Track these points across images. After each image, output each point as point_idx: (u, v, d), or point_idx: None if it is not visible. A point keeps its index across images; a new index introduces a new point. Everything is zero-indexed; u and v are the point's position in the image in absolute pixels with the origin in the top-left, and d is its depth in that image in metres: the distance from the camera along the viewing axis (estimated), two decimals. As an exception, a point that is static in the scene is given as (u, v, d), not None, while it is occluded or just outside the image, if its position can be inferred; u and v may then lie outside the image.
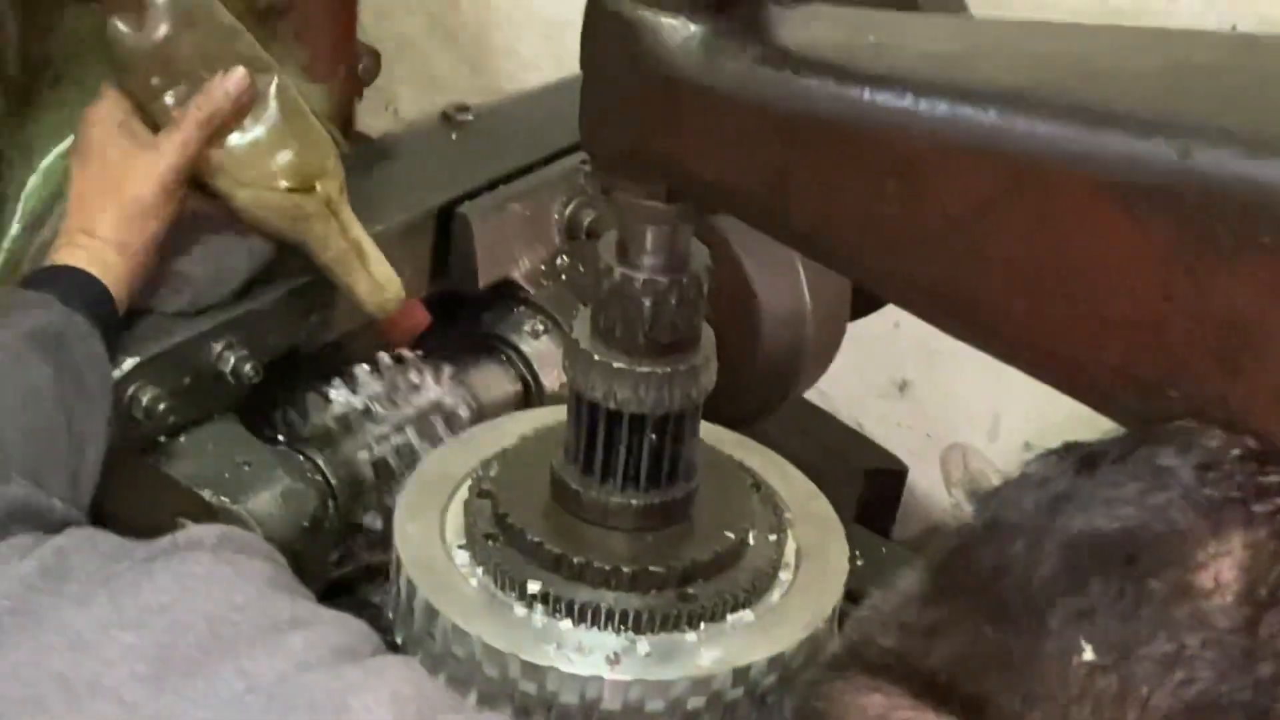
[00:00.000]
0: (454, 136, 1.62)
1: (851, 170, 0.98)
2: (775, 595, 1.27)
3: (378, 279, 1.38)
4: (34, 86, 1.41)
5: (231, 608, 0.91)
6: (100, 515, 1.35)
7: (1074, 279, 0.91)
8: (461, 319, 1.56)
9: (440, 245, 1.52)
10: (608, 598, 1.21)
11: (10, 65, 1.38)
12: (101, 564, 0.95)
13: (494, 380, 1.53)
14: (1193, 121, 0.85)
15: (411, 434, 1.42)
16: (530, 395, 1.54)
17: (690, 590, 1.23)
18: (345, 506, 1.37)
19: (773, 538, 1.29)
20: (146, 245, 1.30)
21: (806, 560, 1.31)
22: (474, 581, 1.23)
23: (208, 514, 1.28)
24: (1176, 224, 0.85)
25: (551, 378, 1.53)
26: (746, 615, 1.24)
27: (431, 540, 1.26)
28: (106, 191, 1.30)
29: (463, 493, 1.29)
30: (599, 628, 1.21)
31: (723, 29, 1.04)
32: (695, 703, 1.19)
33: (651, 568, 1.22)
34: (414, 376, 1.45)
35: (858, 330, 1.90)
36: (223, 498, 1.28)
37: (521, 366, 1.54)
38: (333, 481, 1.36)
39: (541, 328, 1.55)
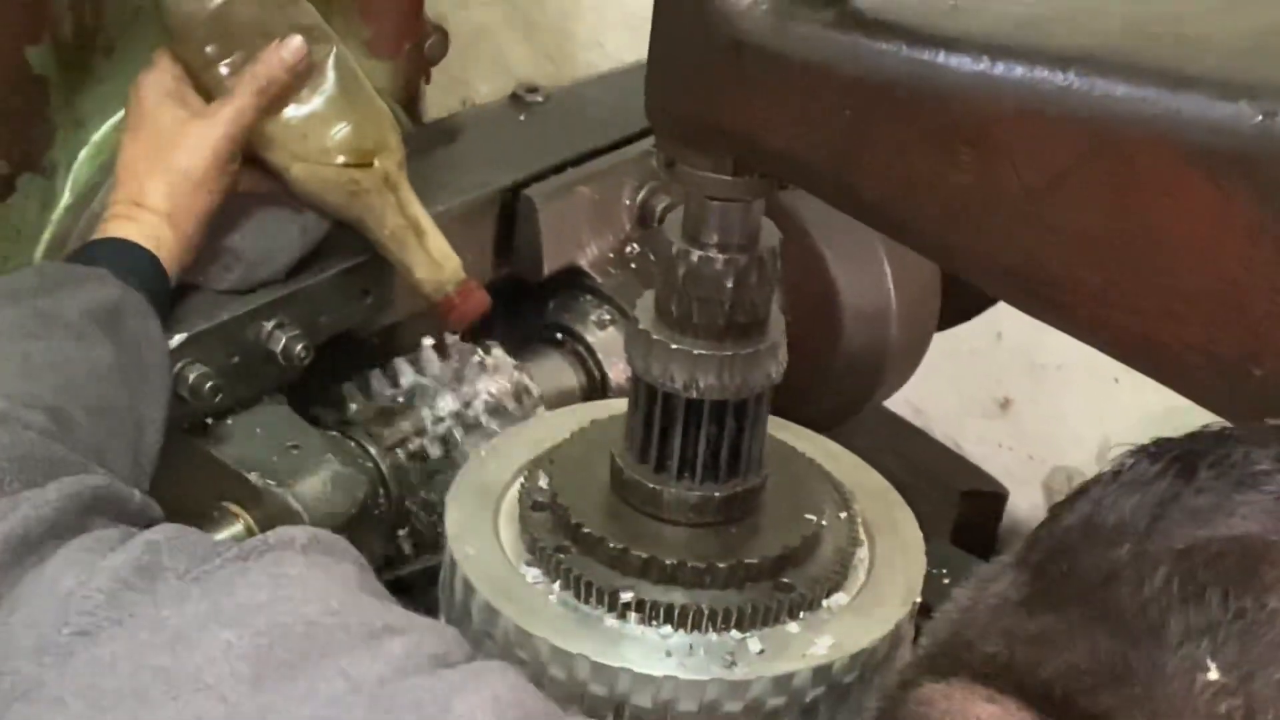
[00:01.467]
0: (522, 118, 1.66)
1: (924, 138, 1.01)
2: (861, 574, 1.30)
3: (436, 258, 1.41)
4: (88, 55, 1.45)
5: (327, 611, 0.93)
6: (154, 489, 1.41)
7: (1152, 250, 0.93)
8: (524, 308, 1.59)
9: (504, 229, 1.55)
10: (703, 597, 1.23)
11: (64, 32, 1.42)
12: (193, 560, 0.97)
13: (557, 371, 1.55)
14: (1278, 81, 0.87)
15: (468, 423, 1.45)
16: (594, 388, 1.56)
17: (785, 580, 1.25)
18: (395, 496, 1.40)
19: (843, 515, 1.32)
20: (198, 218, 1.34)
21: (879, 535, 1.34)
22: (542, 588, 1.25)
23: (253, 497, 1.32)
24: (1260, 192, 0.87)
25: (617, 370, 1.56)
26: (841, 598, 1.27)
27: (488, 543, 1.28)
28: (157, 161, 1.33)
29: (516, 494, 1.32)
30: (700, 630, 1.23)
31: (794, -9, 1.07)
32: (815, 693, 1.21)
33: (747, 560, 1.24)
34: (472, 365, 1.48)
35: (956, 343, 1.90)
36: (269, 481, 1.32)
37: (586, 358, 1.57)
38: (383, 468, 1.39)
39: (608, 318, 1.57)
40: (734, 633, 1.23)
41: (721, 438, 1.25)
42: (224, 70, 1.37)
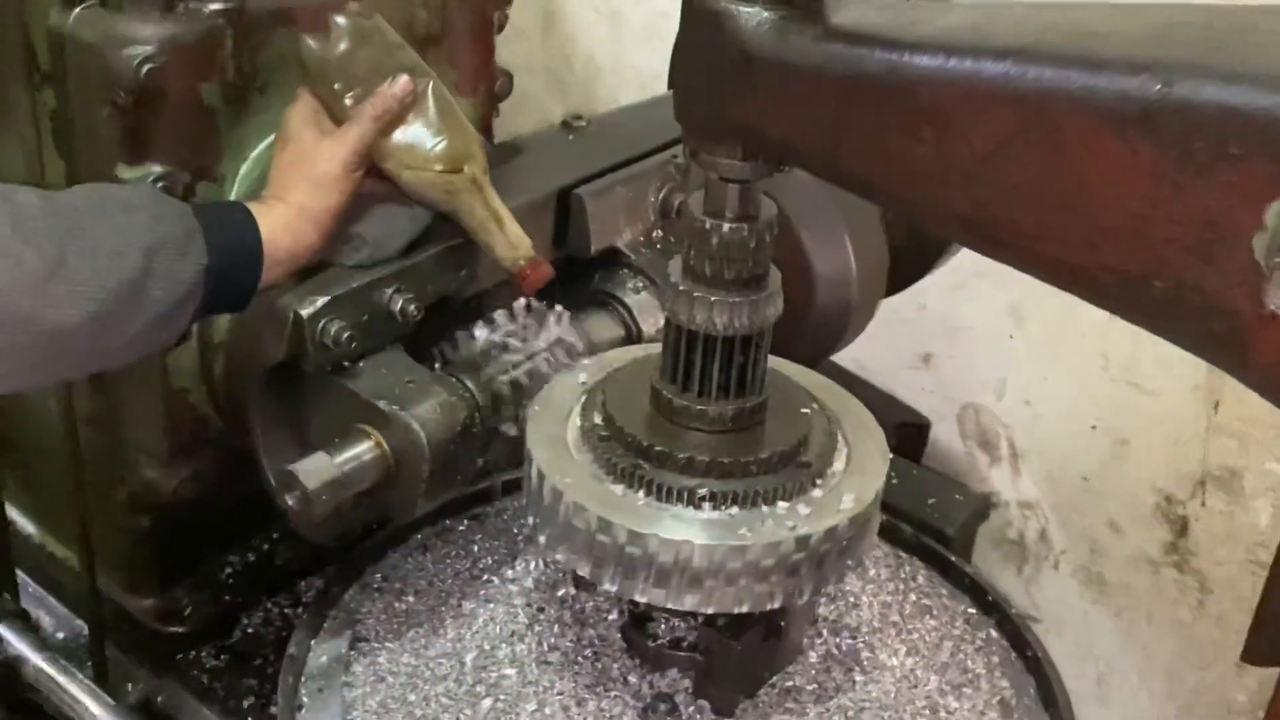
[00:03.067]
0: (571, 138, 1.62)
1: (894, 120, 0.98)
2: (844, 449, 1.28)
3: (512, 240, 1.38)
4: (246, 92, 1.41)
5: None
6: (298, 420, 1.37)
7: (1076, 196, 0.89)
8: (576, 281, 1.55)
9: (560, 220, 1.52)
10: (699, 484, 1.20)
11: (229, 74, 1.38)
12: None
13: (603, 326, 1.52)
14: (1173, 60, 0.84)
15: (539, 363, 1.41)
16: (631, 338, 1.53)
17: (803, 459, 1.24)
18: (488, 418, 1.36)
19: (819, 409, 1.30)
20: (329, 211, 1.30)
21: (844, 420, 1.33)
22: (592, 472, 1.23)
23: (382, 420, 1.28)
24: (1160, 144, 0.84)
25: (649, 324, 1.53)
26: (838, 466, 1.26)
27: (557, 442, 1.26)
28: (300, 168, 1.31)
29: (579, 405, 1.30)
30: (695, 507, 1.20)
31: (790, 14, 1.04)
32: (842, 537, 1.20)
33: (762, 455, 1.22)
34: (541, 319, 1.44)
35: (890, 313, 1.88)
36: (394, 406, 1.28)
37: (625, 315, 1.53)
38: (478, 398, 1.35)
39: (641, 285, 1.54)
40: (763, 507, 1.20)
41: (734, 364, 1.22)
42: (349, 102, 1.34)
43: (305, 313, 1.28)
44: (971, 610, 1.52)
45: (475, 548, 1.54)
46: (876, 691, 1.35)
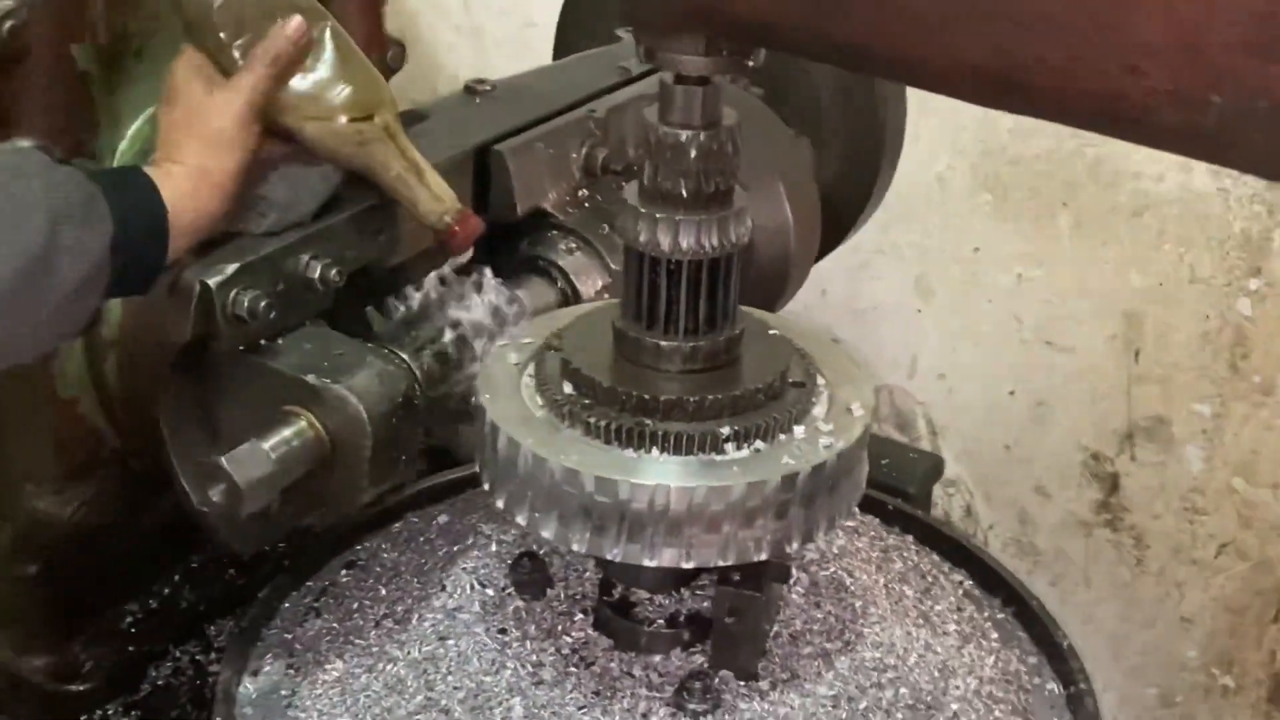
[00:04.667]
0: (478, 101, 1.50)
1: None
2: (821, 403, 1.16)
3: (436, 192, 1.24)
4: (121, 57, 1.26)
5: None
6: (213, 412, 1.21)
7: (1113, 16, 0.80)
8: (503, 247, 1.42)
9: (480, 183, 1.39)
10: (646, 423, 1.08)
11: (100, 35, 1.23)
12: None
13: (539, 291, 1.39)
14: None
15: (474, 328, 1.28)
16: (568, 302, 1.41)
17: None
18: (427, 391, 1.22)
19: (804, 385, 1.17)
20: (229, 172, 1.16)
21: (836, 389, 1.19)
22: (552, 422, 1.11)
23: (313, 397, 1.13)
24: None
25: (587, 285, 1.41)
26: (798, 430, 1.12)
27: (511, 396, 1.13)
28: (190, 126, 1.16)
29: (532, 362, 1.17)
30: (669, 451, 1.08)
31: None
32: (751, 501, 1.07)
33: (709, 398, 1.09)
34: (470, 284, 1.31)
35: (792, 304, 1.80)
36: (324, 379, 1.13)
37: (560, 279, 1.41)
38: (414, 368, 1.21)
39: (575, 245, 1.42)
40: (744, 448, 1.08)
41: (702, 294, 1.11)
42: (237, 53, 1.19)
43: (213, 282, 1.13)
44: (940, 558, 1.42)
45: (402, 574, 1.38)
46: (876, 614, 1.24)
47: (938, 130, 2.19)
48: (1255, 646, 2.26)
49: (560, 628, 1.23)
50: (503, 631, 1.22)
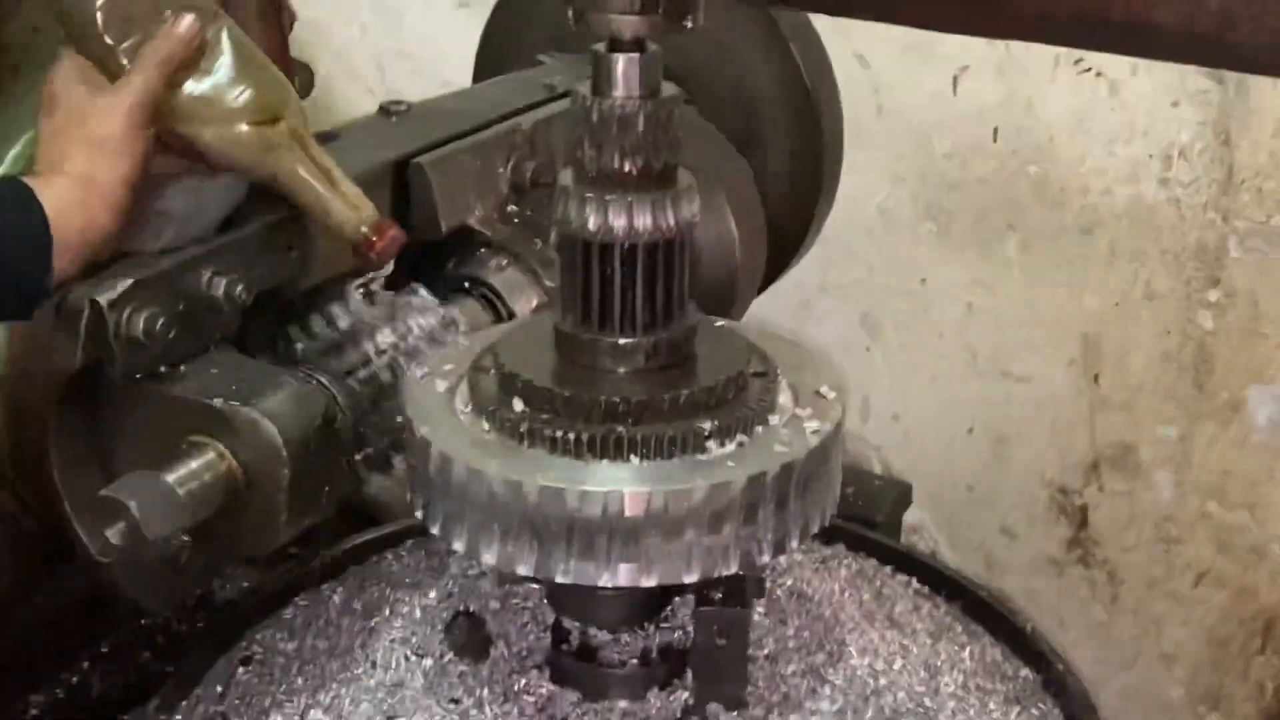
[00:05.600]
0: (394, 120, 1.40)
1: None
2: (785, 399, 1.05)
3: (351, 199, 1.14)
4: (-5, 73, 1.15)
5: None
6: (109, 451, 1.08)
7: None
8: (428, 269, 1.31)
9: (399, 200, 1.29)
10: (618, 430, 0.97)
11: (-31, 47, 1.12)
12: None
13: (470, 312, 1.29)
14: None
15: (408, 351, 1.17)
16: (503, 321, 1.30)
17: (699, 422, 1.00)
18: (351, 419, 1.10)
19: (766, 375, 1.07)
20: (118, 182, 1.04)
21: (803, 393, 1.09)
22: (486, 432, 1.00)
23: (221, 423, 1.02)
24: None
25: (521, 303, 1.31)
26: (751, 436, 1.01)
27: (444, 410, 1.02)
28: (73, 131, 1.05)
29: (466, 376, 1.05)
30: (619, 459, 0.97)
31: None
32: (716, 504, 0.95)
33: (662, 397, 0.99)
34: (402, 304, 1.21)
35: None
36: (233, 403, 1.01)
37: (494, 298, 1.31)
38: (336, 393, 1.09)
39: (505, 262, 1.32)
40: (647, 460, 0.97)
41: (659, 281, 1.00)
42: (124, 57, 1.09)
43: (104, 299, 1.01)
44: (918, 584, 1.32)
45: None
46: (849, 622, 1.14)
47: (874, 160, 2.12)
48: (1241, 679, 2.16)
49: (516, 687, 1.10)
50: (455, 701, 1.09)
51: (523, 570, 0.96)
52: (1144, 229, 2.00)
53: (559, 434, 0.97)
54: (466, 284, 1.31)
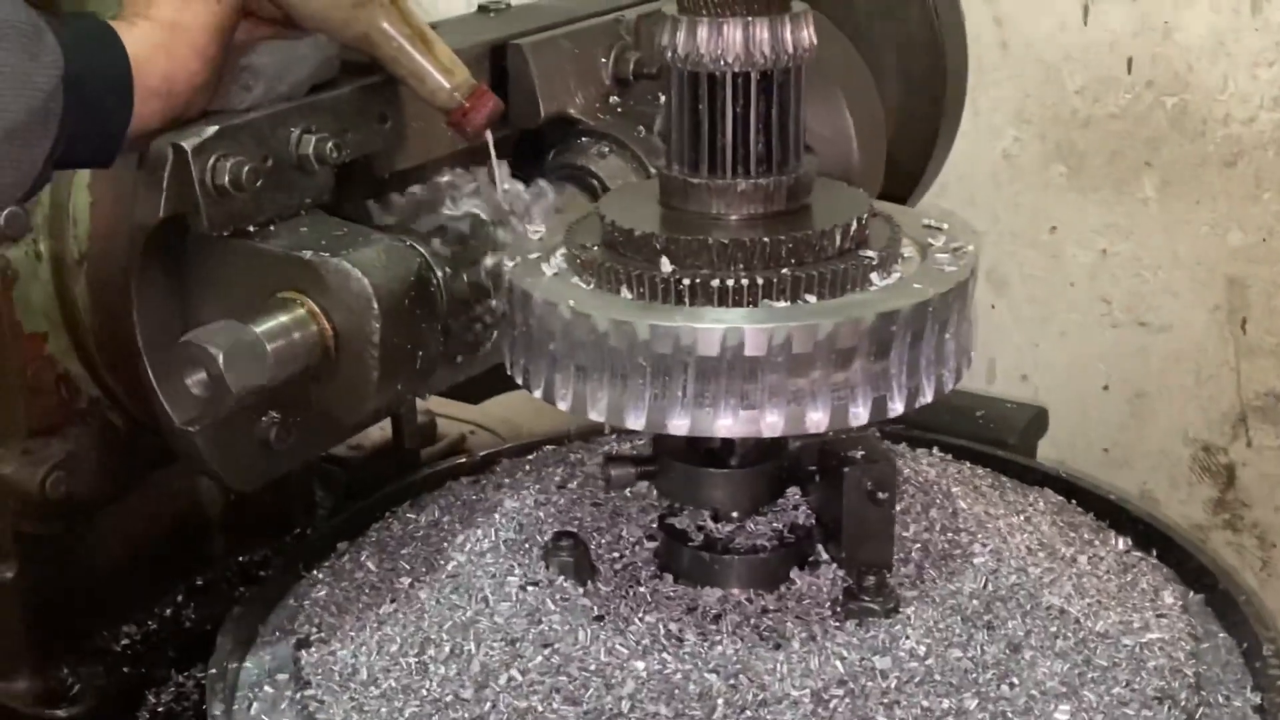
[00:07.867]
0: (492, 15, 1.36)
1: None
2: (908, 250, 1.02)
3: (445, 64, 1.09)
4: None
5: None
6: (194, 312, 1.05)
7: None
8: (526, 160, 1.27)
9: (496, 86, 1.24)
10: (734, 274, 0.93)
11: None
12: None
13: (572, 198, 1.24)
14: None
15: (494, 213, 1.12)
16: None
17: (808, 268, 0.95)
18: (443, 278, 1.05)
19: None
20: (208, 29, 1.01)
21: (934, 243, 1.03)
22: (597, 288, 0.96)
23: (310, 276, 0.98)
24: None
25: (623, 190, 1.25)
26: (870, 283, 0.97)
27: (544, 267, 0.99)
28: None
29: (564, 241, 1.03)
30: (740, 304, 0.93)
31: None
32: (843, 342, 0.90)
33: (794, 240, 0.94)
34: (490, 174, 1.15)
35: None
36: (323, 254, 0.98)
37: (596, 185, 1.26)
38: (425, 253, 1.05)
39: (608, 149, 1.27)
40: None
41: (774, 113, 0.95)
42: None
43: (189, 145, 0.98)
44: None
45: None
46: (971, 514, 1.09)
47: (999, 100, 2.05)
48: None
49: (650, 594, 1.05)
50: (599, 619, 1.04)
51: (633, 424, 0.90)
52: (1293, 157, 1.91)
53: (632, 272, 0.93)
54: (568, 171, 1.26)
